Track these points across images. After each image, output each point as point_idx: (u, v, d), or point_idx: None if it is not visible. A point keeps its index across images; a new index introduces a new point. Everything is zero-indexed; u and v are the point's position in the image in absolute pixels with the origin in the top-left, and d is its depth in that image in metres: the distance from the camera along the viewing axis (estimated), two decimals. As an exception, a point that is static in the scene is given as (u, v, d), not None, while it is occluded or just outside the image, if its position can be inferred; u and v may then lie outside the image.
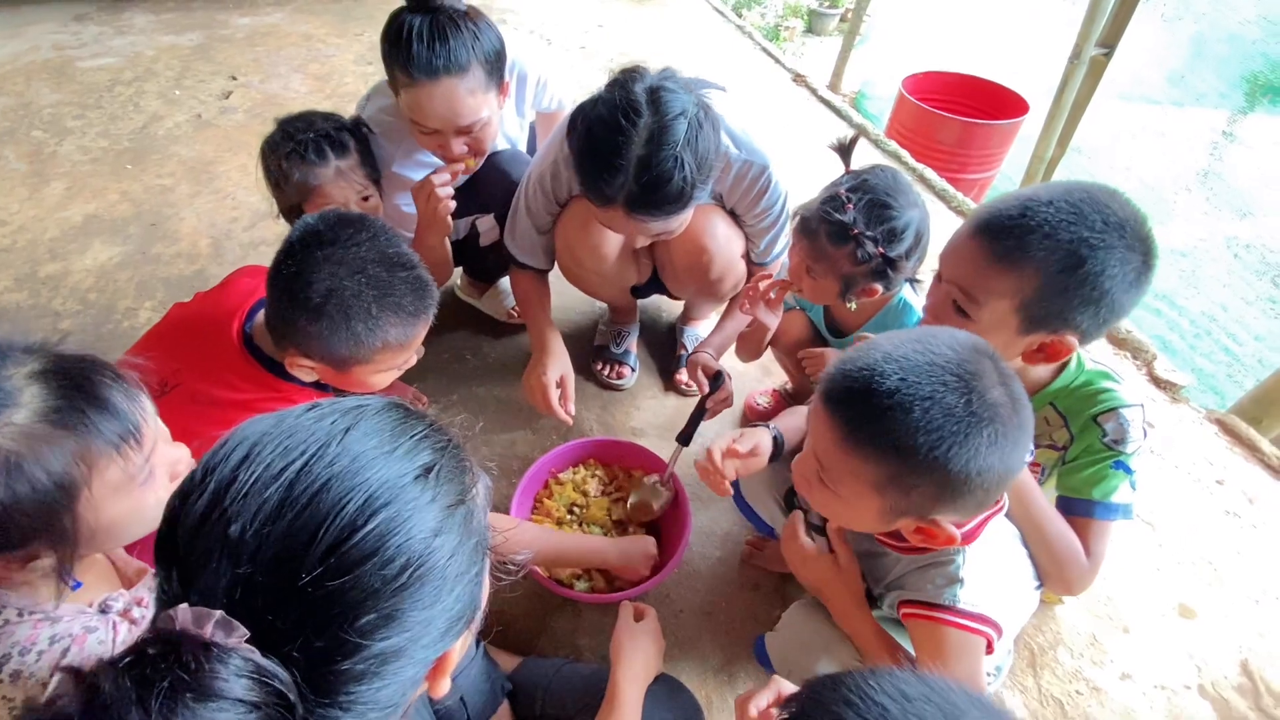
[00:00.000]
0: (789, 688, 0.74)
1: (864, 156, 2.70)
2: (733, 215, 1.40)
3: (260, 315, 1.04)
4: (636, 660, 0.95)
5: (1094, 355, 1.03)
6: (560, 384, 1.39)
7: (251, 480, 0.42)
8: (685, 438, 1.33)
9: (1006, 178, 3.54)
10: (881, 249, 1.09)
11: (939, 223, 2.36)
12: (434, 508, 0.46)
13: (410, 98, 1.22)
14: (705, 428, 1.35)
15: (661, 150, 1.04)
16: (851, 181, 1.12)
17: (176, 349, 1.04)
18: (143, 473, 0.68)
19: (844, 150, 1.17)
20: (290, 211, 1.32)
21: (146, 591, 0.77)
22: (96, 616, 0.71)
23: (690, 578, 1.31)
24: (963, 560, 0.79)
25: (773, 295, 1.28)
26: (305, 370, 1.00)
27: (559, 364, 1.40)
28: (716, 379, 1.37)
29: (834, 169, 1.18)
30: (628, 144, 1.04)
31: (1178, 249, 3.52)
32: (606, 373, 1.68)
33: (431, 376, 1.65)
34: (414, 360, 1.09)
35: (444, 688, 0.51)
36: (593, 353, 1.73)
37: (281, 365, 1.01)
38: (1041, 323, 0.87)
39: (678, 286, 1.56)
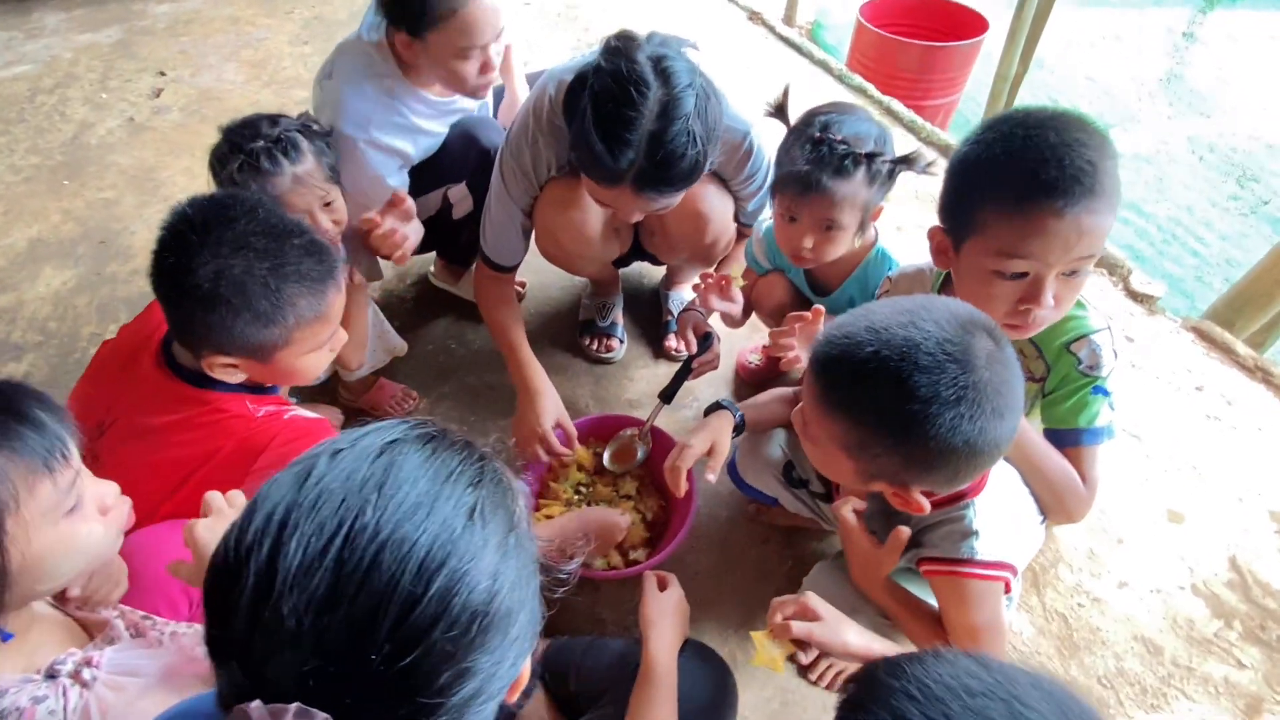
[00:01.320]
0: (817, 602, 0.80)
1: (829, 92, 2.65)
2: (718, 178, 1.37)
3: None
4: (666, 630, 0.97)
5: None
6: (558, 427, 1.31)
7: (294, 567, 0.40)
8: (667, 395, 1.35)
9: (972, 99, 3.51)
10: (888, 157, 1.13)
11: (929, 154, 2.35)
12: (488, 548, 0.44)
13: (459, 21, 1.19)
14: (690, 386, 1.35)
15: (674, 124, 1.00)
16: (814, 126, 1.14)
17: (106, 386, 1.02)
18: (69, 498, 0.66)
19: (780, 111, 1.20)
20: None
21: (98, 650, 0.72)
22: (44, 684, 0.66)
23: (701, 540, 1.34)
24: (973, 513, 0.82)
25: (722, 283, 1.31)
26: (227, 370, 0.94)
27: (551, 407, 1.31)
28: (705, 340, 1.37)
29: (800, 107, 1.22)
30: (638, 119, 1.00)
31: (1142, 155, 3.54)
32: (595, 347, 1.66)
33: (418, 371, 1.62)
34: (344, 337, 1.04)
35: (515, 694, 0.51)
36: (579, 328, 1.71)
37: (205, 374, 0.95)
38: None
39: (669, 253, 1.53)
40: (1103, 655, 1.18)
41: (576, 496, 1.30)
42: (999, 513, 0.83)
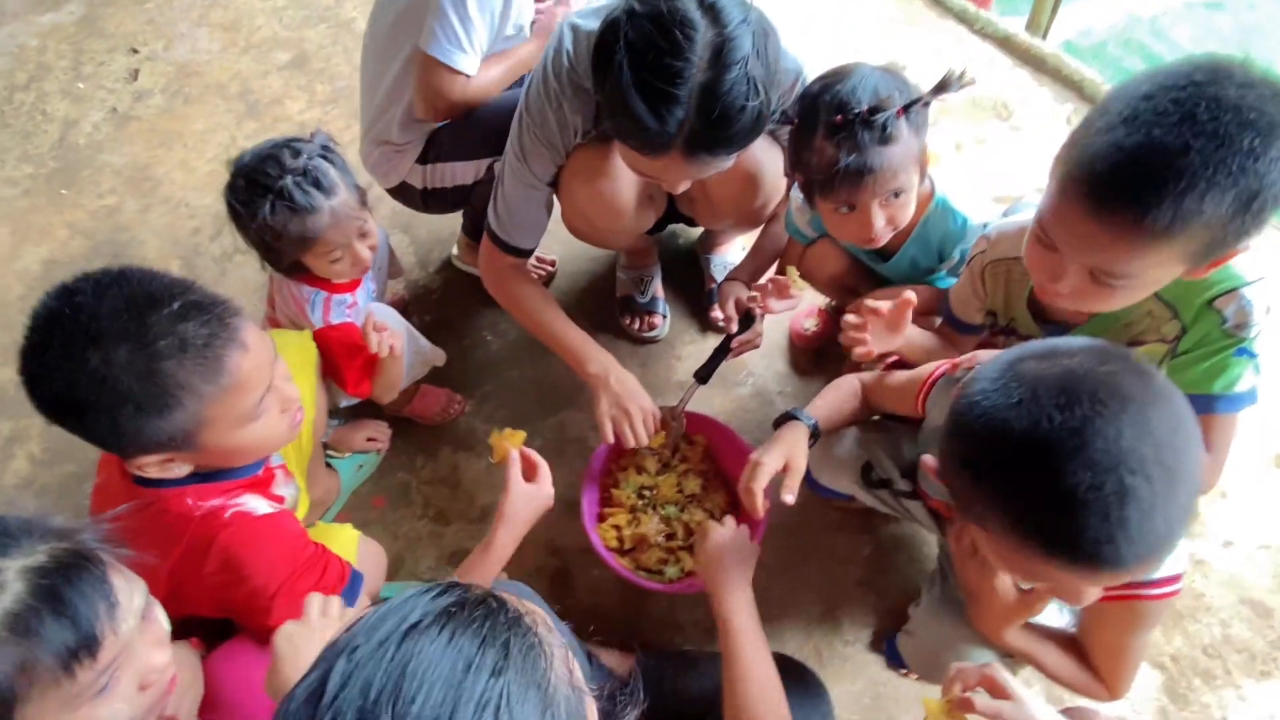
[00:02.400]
0: (1005, 676, 0.72)
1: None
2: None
3: None
4: (726, 585, 0.96)
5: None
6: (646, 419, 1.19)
7: None
8: (703, 376, 1.28)
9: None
10: (925, 94, 0.98)
11: (966, 51, 2.08)
12: None
13: None
14: (743, 360, 1.27)
15: (730, 71, 0.85)
16: (825, 107, 0.97)
17: (96, 499, 0.95)
18: (95, 686, 0.61)
19: (787, 116, 1.03)
20: (292, 269, 1.17)
21: None
22: None
23: (771, 531, 1.28)
24: None
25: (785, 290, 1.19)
26: (164, 468, 0.82)
27: (635, 390, 1.19)
28: (747, 317, 1.28)
29: (830, 11, 1.13)
30: (687, 68, 0.84)
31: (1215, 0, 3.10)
32: (637, 326, 1.57)
33: (456, 370, 1.56)
34: (294, 395, 0.90)
35: None
36: (617, 306, 1.61)
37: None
38: (1217, 253, 0.74)
39: (712, 219, 1.40)
40: (1207, 623, 1.13)
41: (640, 501, 1.26)
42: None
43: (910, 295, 1.01)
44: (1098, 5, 3.14)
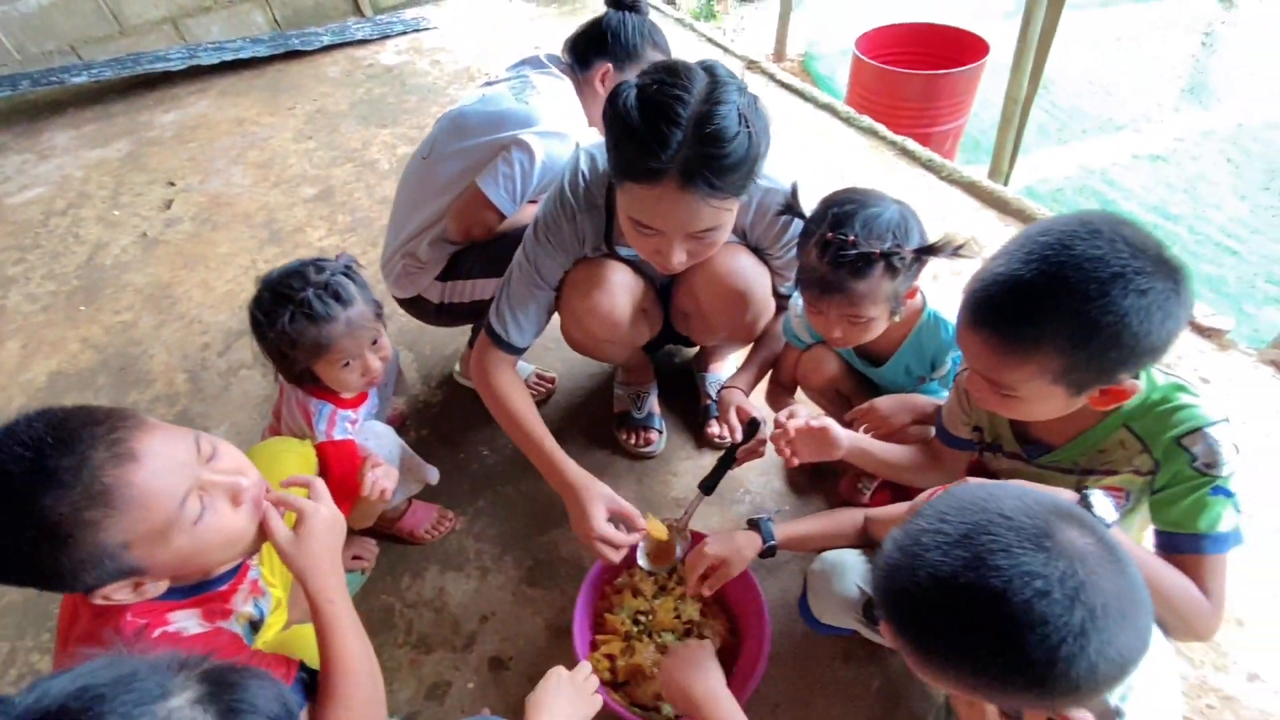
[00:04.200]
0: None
1: (838, 136, 2.59)
2: (755, 251, 1.31)
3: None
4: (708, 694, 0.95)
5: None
6: (614, 519, 1.19)
7: None
8: (708, 486, 1.28)
9: (977, 117, 3.44)
10: (909, 249, 1.06)
11: (936, 195, 2.27)
12: None
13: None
14: (740, 476, 1.27)
15: (722, 105, 0.96)
16: (828, 220, 1.07)
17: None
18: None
19: (790, 208, 1.15)
20: (301, 376, 1.22)
21: None
22: None
23: (776, 662, 1.22)
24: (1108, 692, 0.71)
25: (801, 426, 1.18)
26: (135, 593, 0.78)
27: (599, 497, 1.19)
28: (751, 425, 1.29)
29: (817, 162, 1.18)
30: (686, 97, 0.95)
31: (1160, 154, 3.45)
32: (633, 441, 1.58)
33: (450, 485, 1.54)
34: (243, 481, 0.83)
35: None
36: (614, 421, 1.63)
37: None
38: (1088, 384, 0.82)
39: (705, 335, 1.46)
40: (1247, 768, 1.05)
41: (635, 628, 1.20)
42: (1139, 677, 0.72)
43: (829, 422, 1.11)
44: (1052, 157, 3.49)
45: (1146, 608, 0.61)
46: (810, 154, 2.46)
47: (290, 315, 1.12)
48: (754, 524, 1.14)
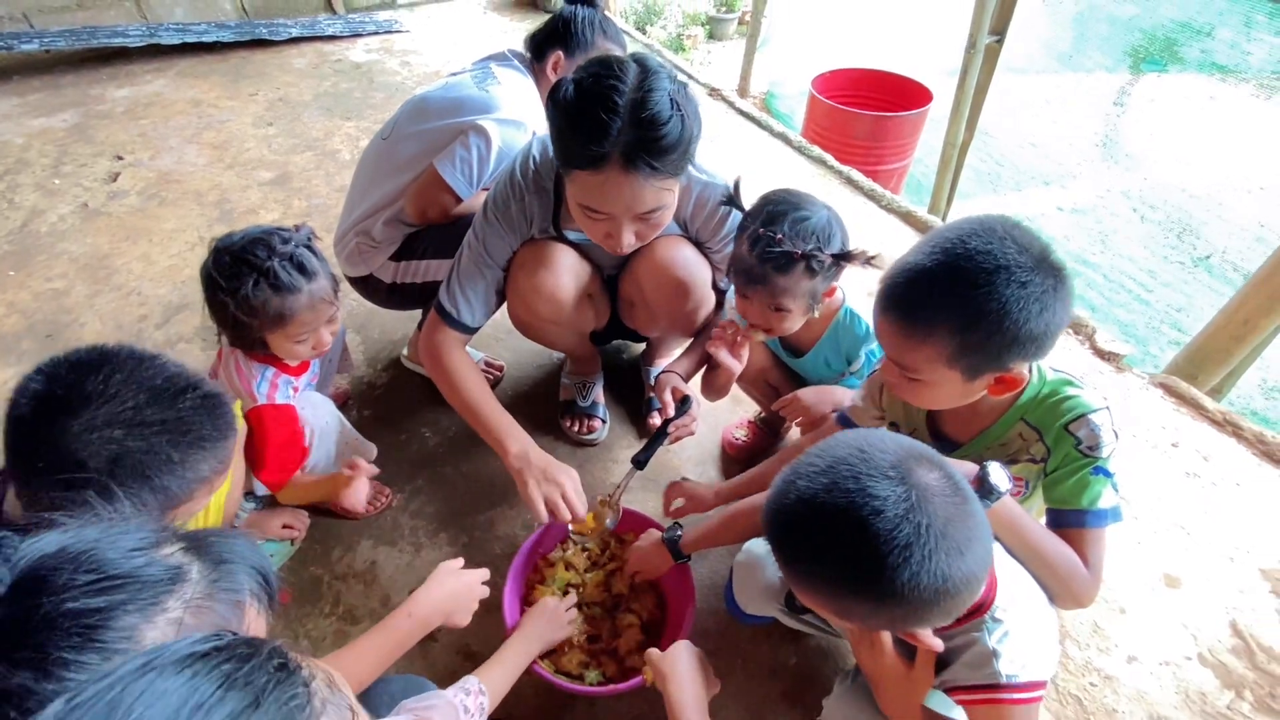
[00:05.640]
0: None
1: (789, 164, 2.74)
2: (696, 244, 1.38)
3: None
4: (687, 685, 0.95)
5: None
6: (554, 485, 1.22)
7: None
8: (641, 461, 1.32)
9: (921, 162, 3.69)
10: (828, 252, 1.14)
11: (874, 223, 2.42)
12: None
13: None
14: (674, 460, 1.31)
15: (654, 93, 1.03)
16: (762, 217, 1.17)
17: None
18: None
19: (733, 200, 1.24)
20: (252, 343, 1.21)
21: None
22: None
23: (700, 638, 1.25)
24: (988, 633, 0.78)
25: (738, 339, 1.27)
26: None
27: (560, 465, 1.23)
28: (683, 403, 1.35)
29: (764, 181, 1.25)
30: (618, 91, 1.02)
31: (1081, 208, 3.76)
32: (576, 429, 1.61)
33: (390, 464, 1.54)
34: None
35: None
36: (559, 409, 1.66)
37: None
38: (980, 369, 0.91)
39: (649, 323, 1.51)
40: (1122, 739, 1.14)
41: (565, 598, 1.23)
42: (1017, 624, 0.80)
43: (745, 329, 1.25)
44: (987, 204, 3.77)
45: (982, 544, 0.69)
46: (761, 177, 2.59)
47: (255, 282, 1.11)
48: (665, 541, 1.20)
